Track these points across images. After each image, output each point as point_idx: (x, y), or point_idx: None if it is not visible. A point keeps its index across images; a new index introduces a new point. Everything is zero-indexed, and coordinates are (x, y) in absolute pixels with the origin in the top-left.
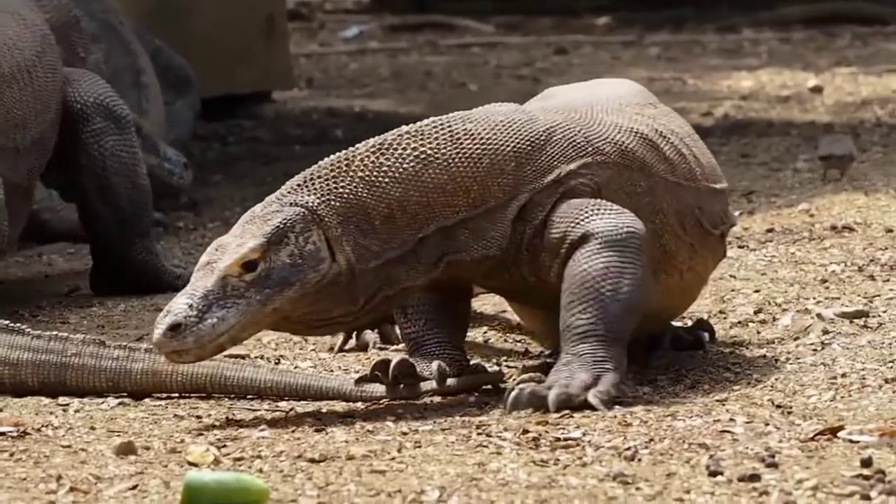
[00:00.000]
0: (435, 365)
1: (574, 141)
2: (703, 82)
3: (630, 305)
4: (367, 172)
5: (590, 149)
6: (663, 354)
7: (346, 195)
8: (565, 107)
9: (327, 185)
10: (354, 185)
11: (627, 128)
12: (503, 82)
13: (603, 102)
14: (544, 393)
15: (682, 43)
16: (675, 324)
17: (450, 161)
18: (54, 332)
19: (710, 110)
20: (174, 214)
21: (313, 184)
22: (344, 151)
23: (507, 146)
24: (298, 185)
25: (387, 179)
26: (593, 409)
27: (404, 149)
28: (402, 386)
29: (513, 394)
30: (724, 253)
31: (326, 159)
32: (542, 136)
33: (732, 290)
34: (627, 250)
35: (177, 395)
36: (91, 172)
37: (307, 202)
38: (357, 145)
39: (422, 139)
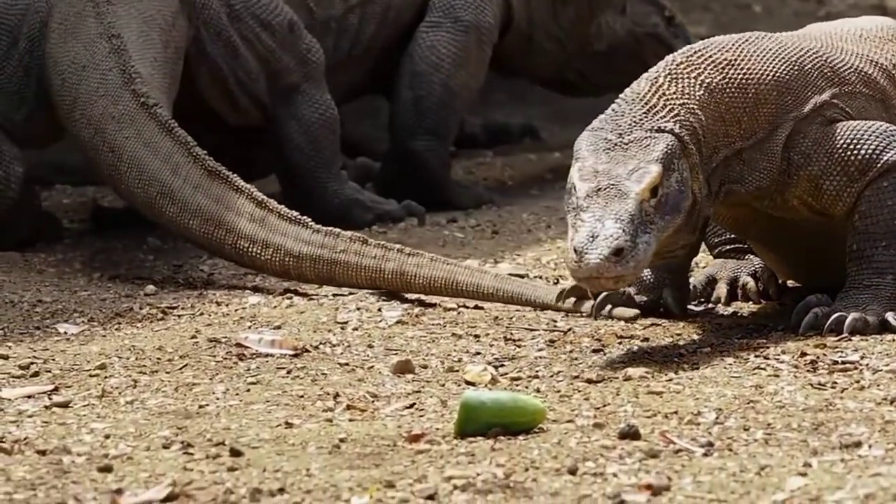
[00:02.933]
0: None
1: (822, 70)
2: None
3: None
4: (685, 99)
5: (836, 79)
6: None
7: (688, 123)
8: (804, 35)
9: (677, 112)
10: (684, 113)
11: (868, 57)
12: (787, 3)
13: (842, 32)
14: (842, 317)
15: None
16: None
17: (723, 91)
18: (329, 228)
19: None
20: None
21: (663, 110)
22: (646, 80)
23: (768, 74)
24: (647, 112)
25: (694, 106)
26: (887, 331)
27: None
28: (585, 305)
29: (808, 317)
30: None
31: (644, 85)
32: (796, 63)
33: None
34: None
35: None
36: (409, 56)
37: (671, 129)
38: (655, 67)
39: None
